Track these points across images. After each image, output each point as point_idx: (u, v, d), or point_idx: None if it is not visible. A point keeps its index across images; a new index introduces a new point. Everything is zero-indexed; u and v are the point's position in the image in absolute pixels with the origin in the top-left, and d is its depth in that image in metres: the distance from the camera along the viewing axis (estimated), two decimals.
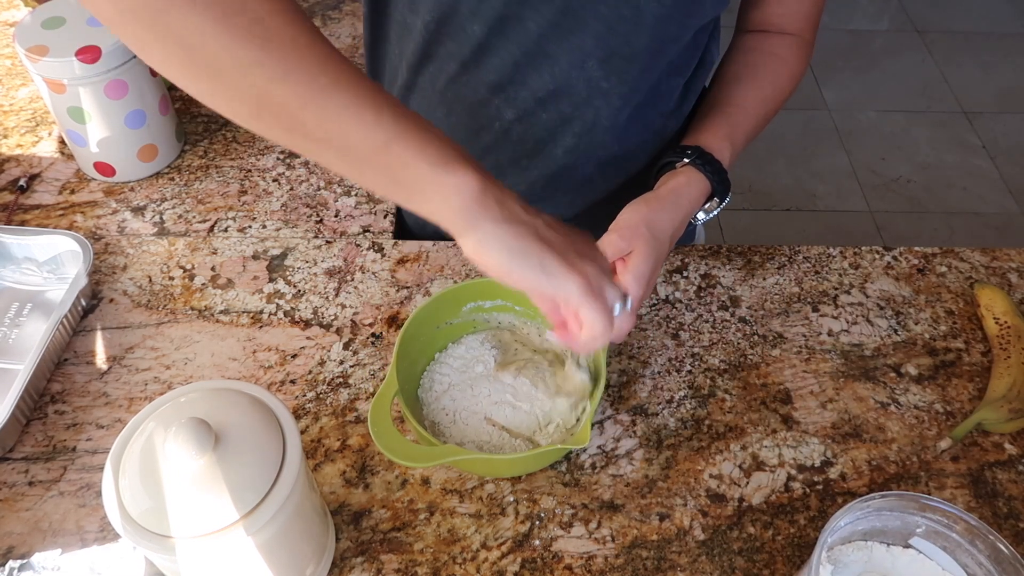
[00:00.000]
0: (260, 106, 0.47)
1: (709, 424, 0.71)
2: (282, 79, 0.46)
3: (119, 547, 0.61)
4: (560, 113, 0.71)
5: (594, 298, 0.52)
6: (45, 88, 0.83)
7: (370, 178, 0.51)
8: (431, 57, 0.69)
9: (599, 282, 0.53)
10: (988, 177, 2.33)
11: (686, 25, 0.68)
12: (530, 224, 0.52)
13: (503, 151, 0.75)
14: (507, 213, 0.51)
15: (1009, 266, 0.86)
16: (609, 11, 0.64)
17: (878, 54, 2.75)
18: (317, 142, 0.49)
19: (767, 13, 0.77)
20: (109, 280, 0.81)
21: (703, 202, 0.70)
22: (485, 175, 0.51)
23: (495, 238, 0.50)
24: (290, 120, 0.47)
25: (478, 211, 0.50)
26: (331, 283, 0.81)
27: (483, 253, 0.51)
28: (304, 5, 1.17)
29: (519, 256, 0.51)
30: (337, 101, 0.47)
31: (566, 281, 0.52)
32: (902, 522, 0.58)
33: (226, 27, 0.44)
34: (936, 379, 0.76)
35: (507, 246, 0.50)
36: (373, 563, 0.62)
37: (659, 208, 0.66)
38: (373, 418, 0.60)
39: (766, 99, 0.76)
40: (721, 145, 0.71)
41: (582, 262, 0.53)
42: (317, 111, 0.47)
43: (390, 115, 0.48)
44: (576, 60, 0.67)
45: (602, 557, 0.63)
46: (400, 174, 0.49)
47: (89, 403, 0.71)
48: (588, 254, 0.55)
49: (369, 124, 0.48)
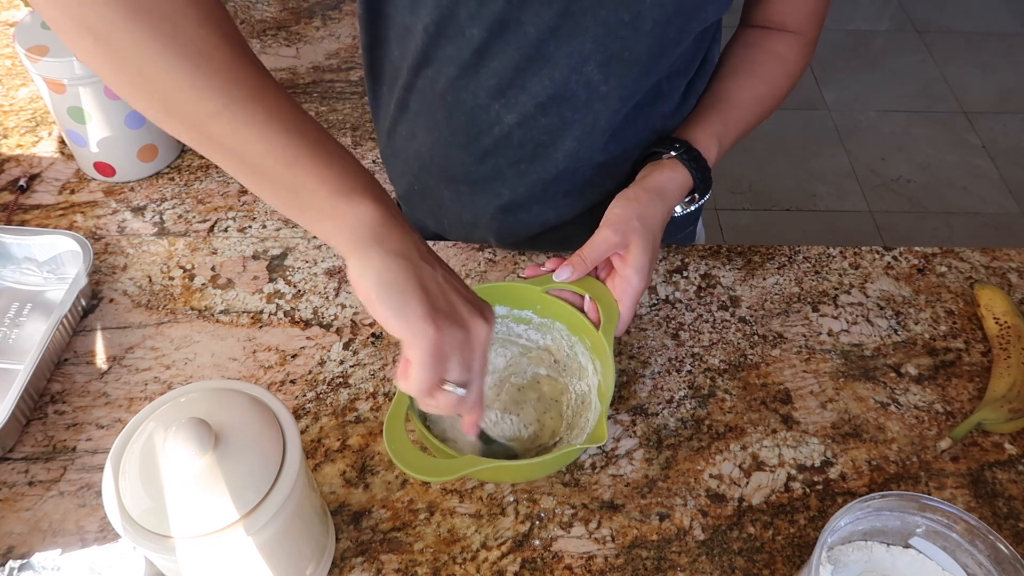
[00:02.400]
0: (168, 110, 0.47)
1: (709, 424, 0.71)
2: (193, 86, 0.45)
3: (119, 547, 0.61)
4: (560, 117, 0.71)
5: (433, 360, 0.50)
6: (45, 88, 0.83)
7: (271, 193, 0.50)
8: (431, 60, 0.69)
9: (449, 350, 0.51)
10: (988, 177, 2.34)
11: (686, 30, 0.68)
12: (417, 266, 0.50)
13: (503, 155, 0.75)
14: (399, 248, 0.50)
15: (1009, 266, 0.86)
16: (609, 15, 0.64)
17: (878, 54, 2.75)
18: (223, 153, 0.48)
19: (771, 10, 0.77)
20: (109, 280, 0.81)
21: (684, 196, 0.72)
22: (387, 209, 0.50)
23: (374, 266, 0.49)
24: (199, 128, 0.47)
25: (368, 240, 0.49)
26: (331, 283, 0.81)
27: (357, 277, 0.50)
28: (304, 5, 1.17)
29: (385, 289, 0.49)
30: (247, 116, 0.47)
31: (418, 332, 0.50)
32: (902, 522, 0.58)
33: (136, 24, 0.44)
34: (936, 379, 0.76)
35: (380, 276, 0.49)
36: (373, 563, 0.62)
37: (648, 202, 0.68)
38: (389, 435, 0.58)
39: (761, 97, 0.77)
40: (709, 142, 0.72)
41: (447, 322, 0.51)
42: (226, 123, 0.47)
43: (298, 135, 0.48)
44: (575, 64, 0.67)
45: (602, 557, 0.63)
46: (300, 194, 0.49)
47: (89, 403, 0.71)
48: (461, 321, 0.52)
49: (275, 142, 0.47)
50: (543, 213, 0.81)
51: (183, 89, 0.46)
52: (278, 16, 1.16)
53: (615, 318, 0.66)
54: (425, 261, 0.52)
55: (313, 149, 0.49)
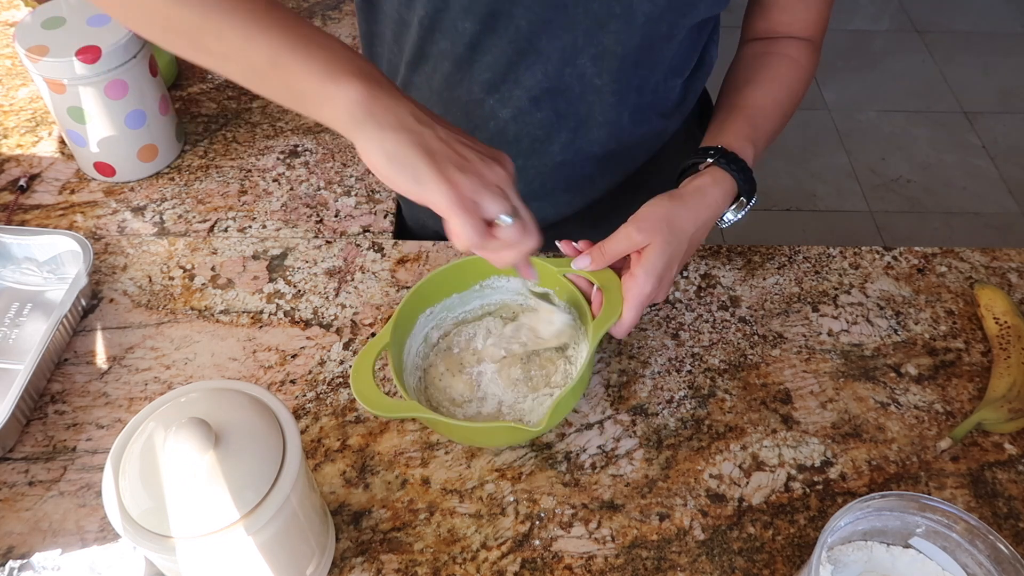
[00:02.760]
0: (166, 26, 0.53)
1: (709, 424, 0.71)
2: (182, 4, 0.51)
3: (119, 547, 0.61)
4: (555, 110, 0.71)
5: (461, 209, 0.53)
6: (45, 88, 0.83)
7: (272, 92, 0.55)
8: (426, 56, 0.70)
9: (472, 193, 0.53)
10: (988, 177, 2.33)
11: (678, 25, 0.67)
12: (416, 132, 0.53)
13: (500, 149, 0.75)
14: (393, 120, 0.52)
15: (1009, 266, 0.86)
16: (600, 8, 0.64)
17: (878, 54, 2.75)
18: (219, 59, 0.54)
19: (777, 20, 0.77)
20: (109, 280, 0.81)
21: (730, 202, 0.70)
22: (374, 83, 0.53)
23: (376, 143, 0.52)
24: (192, 39, 0.53)
25: (363, 118, 0.52)
26: (331, 283, 0.81)
27: (367, 156, 0.53)
28: (304, 5, 1.17)
29: (395, 162, 0.52)
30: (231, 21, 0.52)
31: (434, 191, 0.52)
32: (902, 522, 0.58)
33: None
34: (936, 379, 0.76)
35: (385, 152, 0.52)
36: (373, 563, 0.62)
37: (681, 205, 0.66)
38: (357, 364, 0.63)
39: (781, 101, 0.76)
40: (743, 145, 0.70)
41: (460, 173, 0.53)
42: (215, 31, 0.52)
43: (279, 31, 0.52)
44: (567, 57, 0.67)
45: (602, 557, 0.63)
46: (294, 87, 0.53)
47: (89, 403, 0.71)
48: (473, 167, 0.54)
49: (258, 42, 0.52)
50: (542, 209, 0.81)
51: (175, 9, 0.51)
52: None
53: (613, 316, 0.65)
54: (423, 124, 0.54)
55: (295, 43, 0.52)
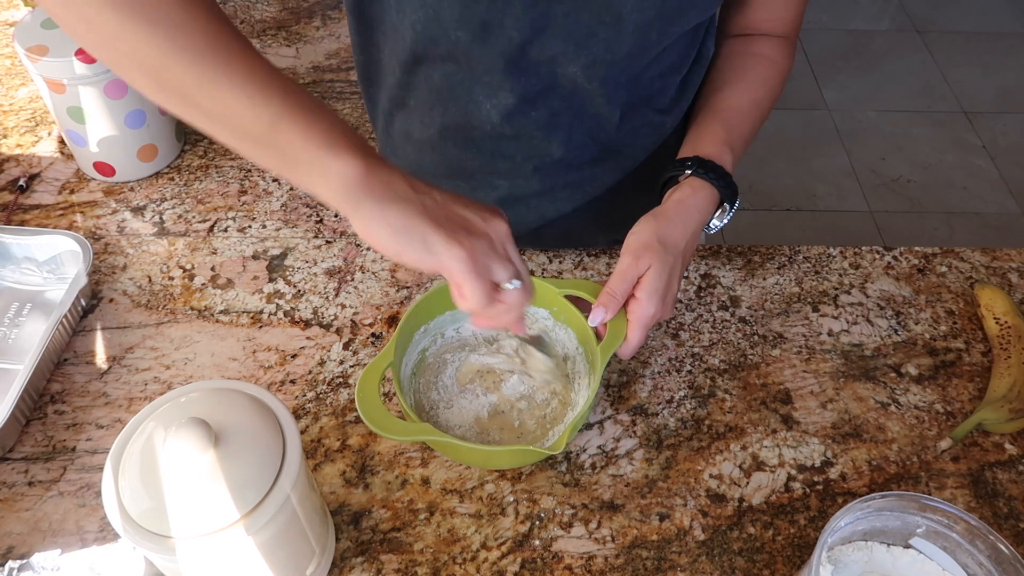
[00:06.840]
0: (159, 83, 0.50)
1: (709, 424, 0.71)
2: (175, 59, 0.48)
3: (119, 547, 0.61)
4: (549, 109, 0.72)
5: (475, 275, 0.53)
6: (45, 88, 0.83)
7: (265, 159, 0.53)
8: (421, 60, 0.70)
9: (485, 258, 0.54)
10: (988, 177, 2.33)
11: (668, 32, 0.68)
12: (415, 201, 0.52)
13: (497, 148, 0.75)
14: (390, 193, 0.52)
15: (1009, 266, 0.86)
16: (591, 18, 0.64)
17: (878, 54, 2.75)
18: (212, 121, 0.51)
19: (751, 18, 0.77)
20: (109, 280, 0.81)
21: (714, 209, 0.70)
22: (370, 156, 0.52)
23: (378, 219, 0.52)
24: (185, 98, 0.50)
25: (361, 193, 0.51)
26: (331, 283, 0.81)
27: (369, 233, 0.53)
28: (304, 5, 1.17)
29: (402, 234, 0.52)
30: (226, 82, 0.49)
31: (449, 258, 0.52)
32: (902, 522, 0.58)
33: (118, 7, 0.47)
34: (936, 379, 0.76)
35: (390, 225, 0.52)
36: (373, 563, 0.62)
37: (667, 221, 0.66)
38: (361, 384, 0.61)
39: (759, 101, 0.76)
40: (720, 150, 0.71)
41: (470, 238, 0.53)
42: (209, 91, 0.49)
43: (278, 96, 0.50)
44: (560, 65, 0.68)
45: (602, 557, 0.63)
46: (289, 154, 0.52)
47: (89, 403, 0.71)
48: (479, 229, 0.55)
49: (257, 105, 0.50)
50: (541, 206, 0.81)
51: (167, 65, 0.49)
52: (278, 16, 1.16)
53: (619, 338, 0.65)
54: (419, 192, 0.53)
55: (293, 108, 0.51)
